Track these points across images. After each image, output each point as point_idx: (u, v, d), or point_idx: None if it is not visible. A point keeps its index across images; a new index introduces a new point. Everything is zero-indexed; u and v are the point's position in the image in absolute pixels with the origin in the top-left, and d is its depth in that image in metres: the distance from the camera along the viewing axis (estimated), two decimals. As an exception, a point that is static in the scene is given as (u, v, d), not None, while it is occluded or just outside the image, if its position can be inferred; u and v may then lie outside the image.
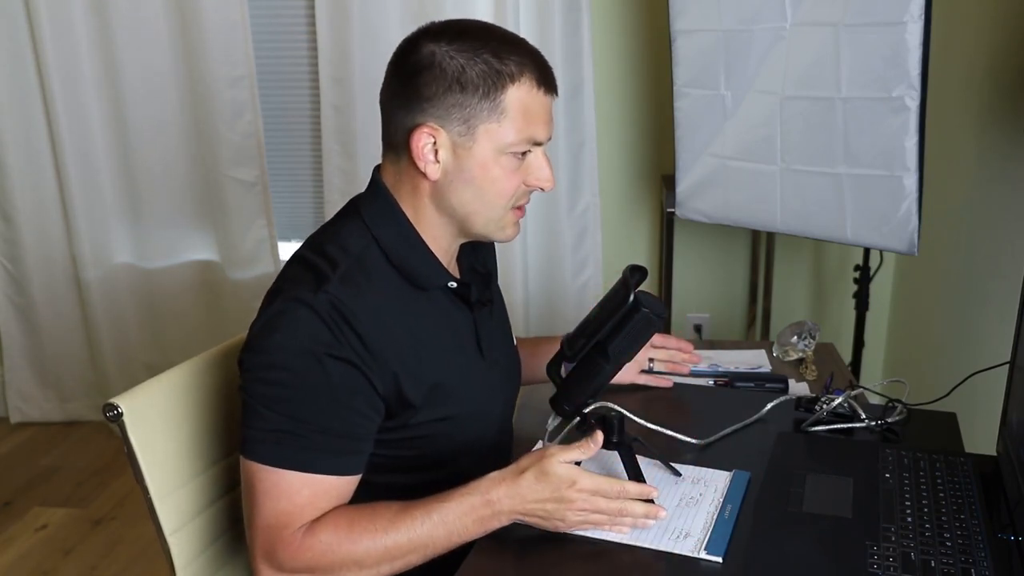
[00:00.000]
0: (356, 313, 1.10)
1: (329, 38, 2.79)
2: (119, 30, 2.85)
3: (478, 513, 1.09)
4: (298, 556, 1.10)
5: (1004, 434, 1.28)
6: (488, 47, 1.11)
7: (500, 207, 1.18)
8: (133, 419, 1.22)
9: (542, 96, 1.14)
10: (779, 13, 2.05)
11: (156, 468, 1.25)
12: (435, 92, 1.11)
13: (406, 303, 1.18)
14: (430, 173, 1.14)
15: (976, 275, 2.12)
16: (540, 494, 1.08)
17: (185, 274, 3.13)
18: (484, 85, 1.10)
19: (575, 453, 1.10)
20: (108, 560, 2.50)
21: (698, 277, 3.00)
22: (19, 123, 2.97)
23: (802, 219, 2.15)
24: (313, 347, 1.08)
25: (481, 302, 1.28)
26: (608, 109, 2.88)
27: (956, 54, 2.23)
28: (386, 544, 1.09)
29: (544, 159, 1.18)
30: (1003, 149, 1.93)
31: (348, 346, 1.09)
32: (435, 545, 1.10)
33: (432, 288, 1.21)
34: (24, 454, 3.09)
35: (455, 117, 1.11)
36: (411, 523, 1.09)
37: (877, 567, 1.04)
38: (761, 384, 1.66)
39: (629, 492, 1.11)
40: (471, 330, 1.27)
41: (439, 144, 1.13)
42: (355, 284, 1.12)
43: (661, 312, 1.16)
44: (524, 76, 1.12)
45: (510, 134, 1.13)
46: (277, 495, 1.10)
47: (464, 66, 1.10)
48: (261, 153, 2.94)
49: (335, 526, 1.10)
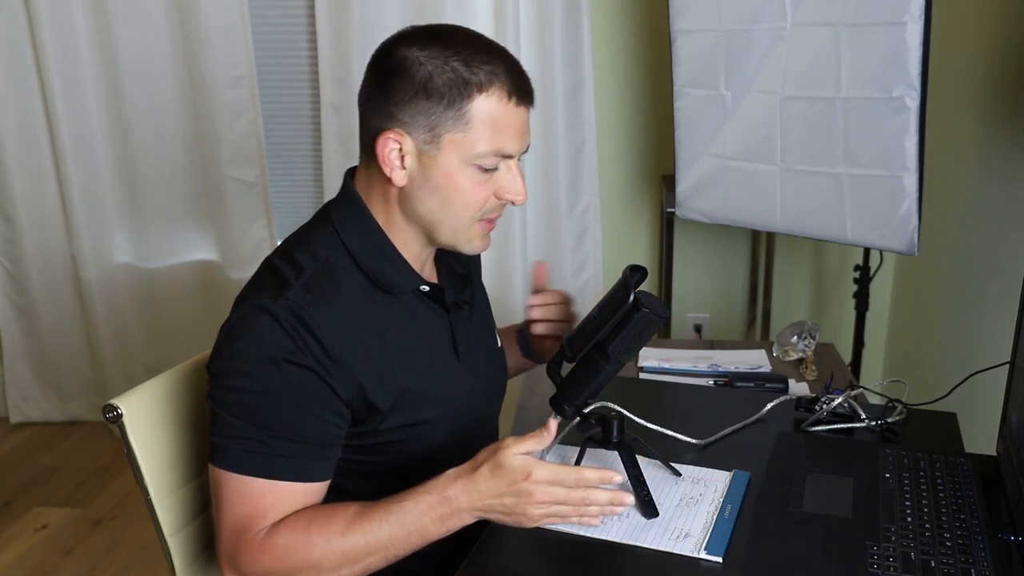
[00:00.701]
0: (318, 320, 1.09)
1: (329, 38, 2.79)
2: (119, 30, 2.85)
3: (436, 512, 1.07)
4: (258, 559, 1.09)
5: (1004, 434, 1.28)
6: (460, 55, 1.09)
7: (466, 218, 1.16)
8: (133, 420, 1.22)
9: (513, 108, 1.11)
10: (779, 13, 2.05)
11: (156, 469, 1.26)
12: (402, 98, 1.09)
13: (375, 308, 1.16)
14: (396, 179, 1.13)
15: (976, 275, 2.12)
16: (497, 488, 1.05)
17: (185, 274, 3.13)
18: (450, 94, 1.08)
19: (529, 443, 1.07)
20: (108, 560, 2.50)
21: (698, 277, 3.00)
22: (19, 123, 2.97)
23: (802, 219, 2.15)
24: (273, 354, 1.08)
25: (457, 304, 1.27)
26: (608, 109, 2.88)
27: (956, 54, 2.23)
28: (343, 546, 1.08)
29: (516, 172, 1.16)
30: (1003, 149, 1.93)
31: (309, 353, 1.08)
32: (395, 547, 1.09)
33: (402, 292, 1.20)
34: (24, 454, 3.09)
35: (420, 124, 1.10)
36: (369, 525, 1.08)
37: (877, 567, 1.04)
38: (761, 384, 1.66)
39: (588, 478, 1.07)
40: (447, 333, 1.25)
41: (405, 151, 1.11)
42: (319, 290, 1.11)
43: (662, 312, 1.15)
44: (494, 86, 1.09)
45: (477, 145, 1.10)
46: (241, 500, 1.10)
47: (432, 73, 1.08)
48: (261, 153, 2.94)
49: (292, 528, 1.10)
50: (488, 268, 2.87)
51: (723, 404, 1.56)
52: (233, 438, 1.10)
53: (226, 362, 1.11)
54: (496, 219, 1.21)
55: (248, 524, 1.09)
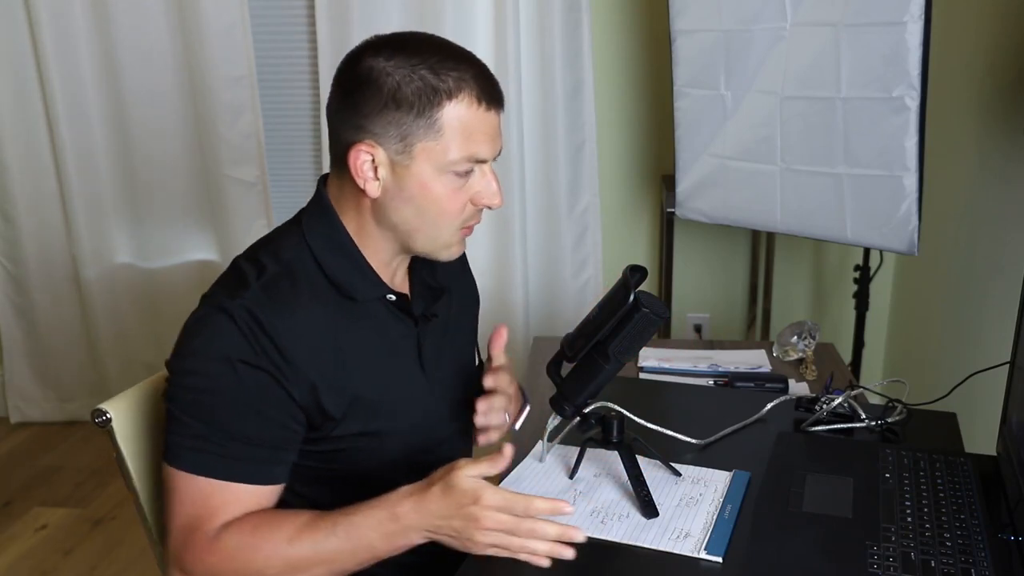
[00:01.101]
0: (273, 321, 1.08)
1: (329, 38, 2.79)
2: (119, 30, 2.85)
3: (385, 528, 1.05)
4: (203, 559, 1.08)
5: (1004, 434, 1.28)
6: (427, 63, 1.08)
7: (444, 226, 1.15)
8: (122, 424, 1.22)
9: (483, 112, 1.11)
10: (779, 13, 2.05)
11: (146, 473, 1.26)
12: (372, 109, 1.09)
13: (335, 314, 1.15)
14: (369, 191, 1.12)
15: (976, 275, 2.12)
16: (445, 510, 1.03)
17: (185, 274, 3.13)
18: (419, 102, 1.07)
19: (483, 466, 1.04)
20: (108, 560, 2.50)
21: (698, 277, 3.00)
22: (19, 123, 2.96)
23: (802, 219, 2.16)
24: (228, 354, 1.08)
25: (426, 316, 1.25)
26: (608, 109, 2.88)
27: (956, 54, 2.23)
28: (288, 554, 1.07)
29: (490, 175, 1.15)
30: (1003, 149, 1.93)
31: (263, 354, 1.08)
32: (341, 560, 1.07)
33: (366, 299, 1.18)
34: (24, 454, 3.09)
35: (392, 135, 1.09)
36: (316, 535, 1.07)
37: (877, 567, 1.04)
38: (761, 384, 1.66)
39: (538, 508, 1.02)
40: (412, 344, 1.23)
41: (378, 161, 1.11)
42: (277, 292, 1.11)
43: (662, 312, 1.15)
44: (463, 92, 1.09)
45: (449, 152, 1.10)
46: (191, 500, 1.10)
47: (400, 83, 1.07)
48: (261, 153, 2.94)
49: (240, 531, 1.09)
50: (488, 268, 2.90)
51: (723, 404, 1.56)
52: (186, 437, 1.10)
53: (183, 360, 1.11)
54: (474, 225, 1.20)
55: (197, 524, 1.09)
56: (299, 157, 3.06)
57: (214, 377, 1.08)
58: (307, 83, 2.96)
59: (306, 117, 3.00)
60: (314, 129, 2.98)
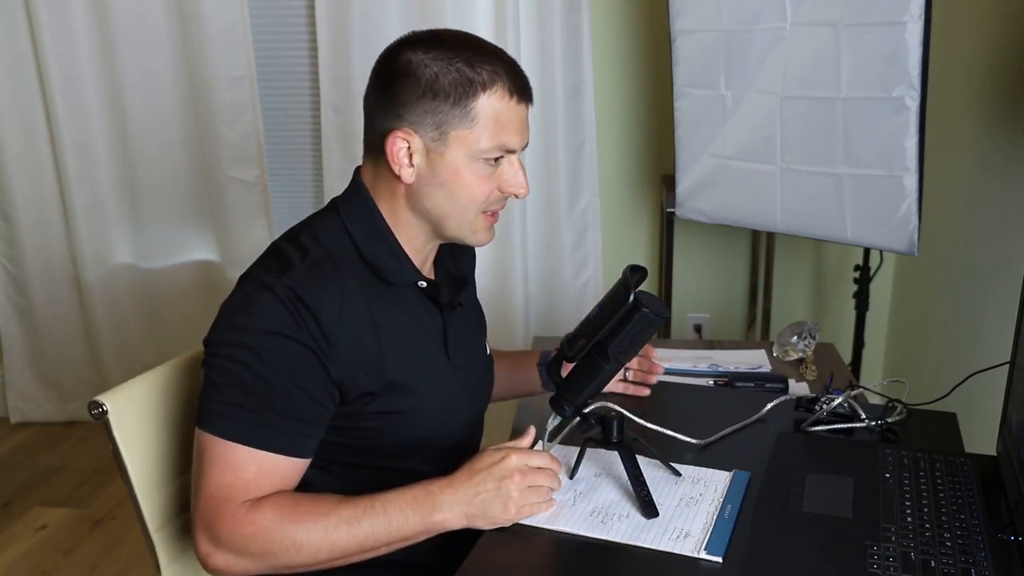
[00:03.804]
0: (317, 299, 1.13)
1: (329, 38, 2.79)
2: (119, 30, 2.85)
3: (420, 504, 1.11)
4: (237, 530, 1.10)
5: (1004, 434, 1.28)
6: (462, 56, 1.14)
7: (472, 211, 1.20)
8: (118, 417, 1.23)
9: (515, 105, 1.17)
10: (779, 13, 2.05)
11: (141, 466, 1.26)
12: (409, 98, 1.14)
13: (372, 297, 1.19)
14: (404, 177, 1.18)
15: (976, 275, 2.12)
16: (475, 474, 1.12)
17: (185, 274, 3.13)
18: (456, 92, 1.14)
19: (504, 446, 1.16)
20: (108, 560, 2.50)
21: (698, 277, 3.00)
22: (19, 123, 2.96)
23: (802, 219, 2.16)
24: (273, 328, 1.11)
25: (451, 304, 1.30)
26: (608, 109, 2.88)
27: (956, 54, 2.23)
28: (327, 529, 1.10)
29: (518, 166, 1.21)
30: (1003, 149, 1.93)
31: (307, 331, 1.12)
32: (376, 536, 1.11)
33: (400, 284, 1.23)
34: (24, 454, 3.09)
35: (428, 123, 1.15)
36: (353, 511, 1.11)
37: (877, 567, 1.04)
38: (761, 384, 1.66)
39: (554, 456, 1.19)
40: (439, 330, 1.28)
41: (413, 149, 1.16)
42: (320, 272, 1.15)
43: (662, 312, 1.15)
44: (496, 85, 1.15)
45: (481, 140, 1.16)
46: (224, 467, 1.12)
47: (438, 74, 1.13)
48: (261, 153, 2.94)
49: (279, 505, 1.12)
50: (488, 268, 2.90)
51: (723, 404, 1.56)
52: (224, 403, 1.12)
53: (225, 334, 1.14)
54: (499, 211, 1.25)
55: (230, 494, 1.11)
56: (299, 157, 3.06)
57: (258, 349, 1.11)
58: (307, 83, 2.96)
59: (306, 117, 3.00)
60: (314, 129, 2.98)
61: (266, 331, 1.11)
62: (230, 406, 1.12)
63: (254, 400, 1.12)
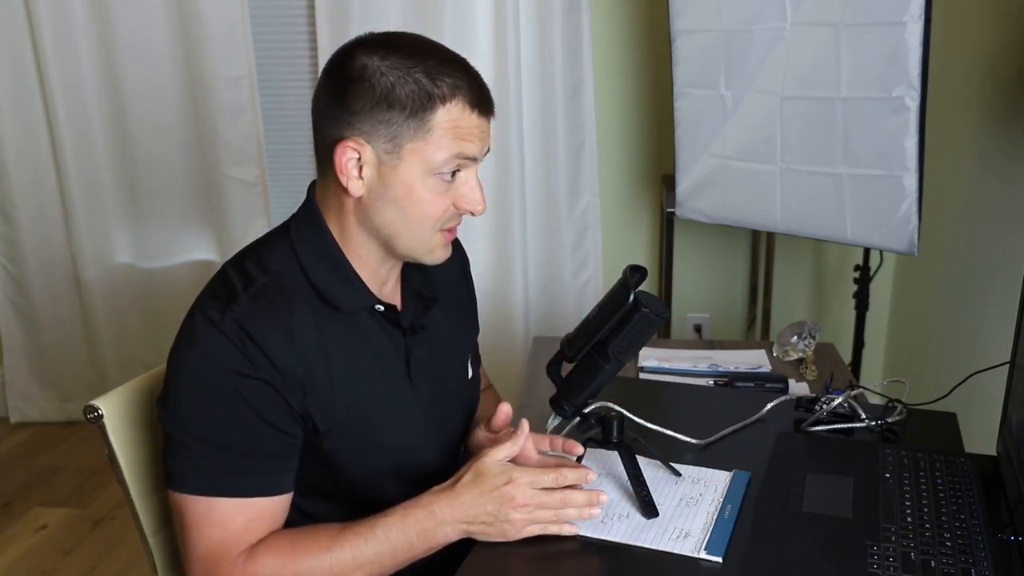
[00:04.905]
0: (263, 332, 1.08)
1: (329, 38, 2.79)
2: (119, 30, 2.85)
3: (421, 525, 1.08)
4: None
5: (1004, 434, 1.28)
6: (422, 66, 1.07)
7: (426, 228, 1.13)
8: (113, 420, 1.22)
9: (475, 118, 1.10)
10: (779, 13, 2.05)
11: (137, 469, 1.26)
12: (363, 107, 1.07)
13: (323, 325, 1.14)
14: (352, 189, 1.11)
15: (976, 275, 2.12)
16: (478, 496, 1.07)
17: (185, 274, 3.13)
18: (412, 104, 1.07)
19: (506, 449, 1.10)
20: (108, 560, 2.50)
21: (698, 277, 3.00)
22: (19, 123, 2.96)
23: (802, 219, 2.16)
24: (224, 367, 1.07)
25: (414, 328, 1.23)
26: (608, 109, 2.88)
27: (956, 54, 2.23)
28: (331, 562, 1.07)
29: (475, 182, 1.14)
30: (1003, 149, 1.93)
31: (257, 364, 1.07)
32: (380, 562, 1.08)
33: (353, 310, 1.17)
34: (24, 454, 3.09)
35: (381, 134, 1.08)
36: (354, 539, 1.08)
37: (877, 567, 1.04)
38: (761, 384, 1.66)
39: (566, 477, 1.10)
40: (401, 355, 1.22)
41: (363, 160, 1.09)
42: (266, 303, 1.10)
43: (662, 312, 1.15)
44: (456, 98, 1.08)
45: (438, 153, 1.09)
46: (211, 524, 1.08)
47: (394, 84, 1.06)
48: (261, 153, 2.94)
49: (277, 549, 1.09)
50: (488, 268, 2.90)
51: (723, 404, 1.56)
52: (191, 458, 1.08)
53: (179, 380, 1.10)
54: (455, 227, 1.18)
55: (223, 550, 1.08)
56: (299, 157, 3.05)
57: (213, 392, 1.07)
58: (307, 83, 2.96)
59: (306, 117, 2.94)
60: (314, 129, 2.98)
61: (218, 371, 1.07)
62: (198, 459, 1.08)
63: (220, 448, 1.08)
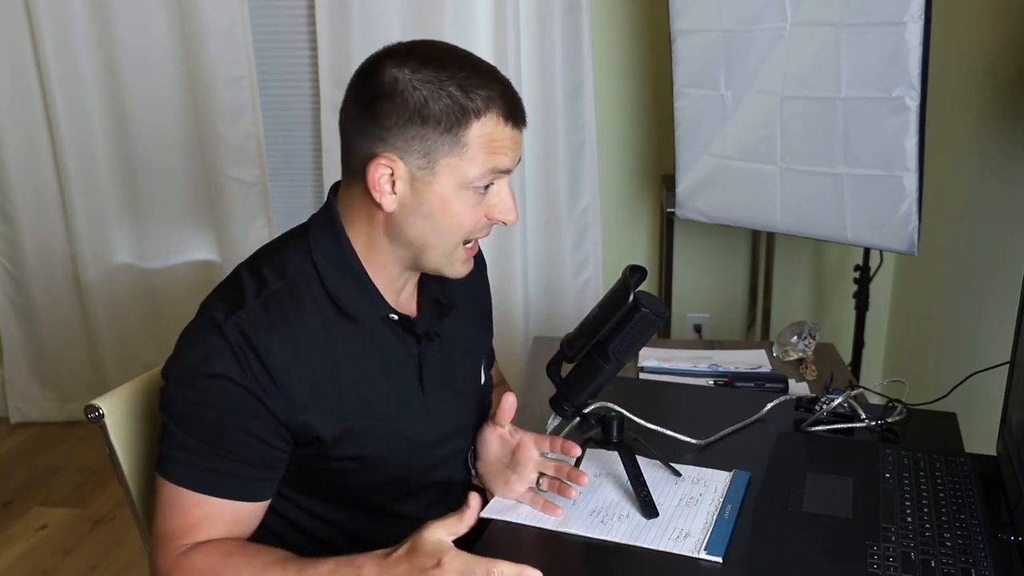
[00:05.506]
0: (266, 341, 1.07)
1: (329, 38, 2.79)
2: (119, 31, 2.85)
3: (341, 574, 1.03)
4: (171, 572, 1.09)
5: (1004, 434, 1.28)
6: (455, 79, 1.05)
7: (456, 241, 1.13)
8: (114, 420, 1.22)
9: (509, 130, 1.09)
10: (779, 13, 2.05)
11: (138, 469, 1.26)
12: (395, 122, 1.06)
13: (333, 332, 1.13)
14: (386, 205, 1.09)
15: (976, 275, 2.12)
16: (407, 572, 0.99)
17: (185, 274, 3.13)
18: (447, 120, 1.05)
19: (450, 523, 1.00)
20: (108, 560, 2.50)
21: (698, 277, 3.00)
22: (19, 123, 2.96)
23: (802, 219, 2.16)
24: (219, 372, 1.07)
25: (428, 335, 1.22)
26: (608, 109, 2.88)
27: (956, 54, 2.23)
28: None
29: (507, 192, 1.13)
30: (1003, 149, 1.93)
31: (252, 375, 1.07)
32: None
33: (367, 319, 1.16)
34: (24, 454, 3.09)
35: (415, 149, 1.06)
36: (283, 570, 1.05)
37: (877, 567, 1.04)
38: (761, 384, 1.66)
39: (501, 571, 0.97)
40: (414, 363, 1.21)
41: (396, 176, 1.08)
42: (276, 311, 1.09)
43: (662, 312, 1.15)
44: (491, 111, 1.07)
45: (472, 168, 1.07)
46: (172, 510, 1.10)
47: (427, 98, 1.05)
48: (261, 153, 2.94)
49: (210, 553, 1.09)
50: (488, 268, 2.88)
51: (723, 404, 1.56)
52: (177, 449, 1.10)
53: (176, 372, 1.11)
54: (477, 243, 1.18)
55: (174, 536, 1.10)
56: (299, 157, 3.05)
57: (204, 392, 1.08)
58: (307, 83, 2.96)
59: (306, 117, 3.00)
60: (314, 129, 2.98)
61: (211, 374, 1.07)
62: (181, 451, 1.09)
63: (205, 445, 1.09)
